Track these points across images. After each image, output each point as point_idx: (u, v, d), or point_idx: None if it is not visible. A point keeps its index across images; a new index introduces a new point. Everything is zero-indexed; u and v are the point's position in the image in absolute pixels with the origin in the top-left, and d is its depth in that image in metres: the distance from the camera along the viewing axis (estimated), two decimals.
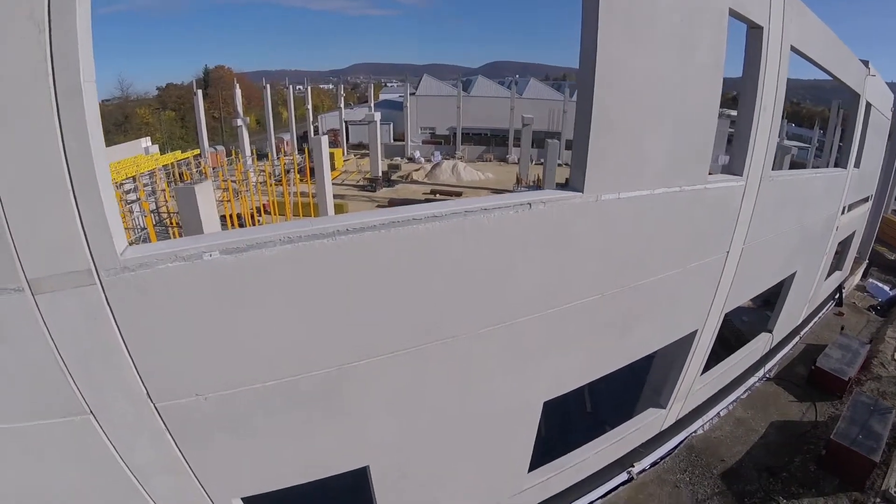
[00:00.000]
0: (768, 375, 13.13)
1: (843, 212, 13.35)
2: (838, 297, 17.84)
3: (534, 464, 7.43)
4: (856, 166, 13.17)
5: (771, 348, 12.97)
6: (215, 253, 3.66)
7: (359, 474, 5.57)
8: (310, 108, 48.90)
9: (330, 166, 24.91)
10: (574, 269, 5.67)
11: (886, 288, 19.34)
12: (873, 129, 13.82)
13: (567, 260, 5.52)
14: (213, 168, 34.22)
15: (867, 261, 21.08)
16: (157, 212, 25.57)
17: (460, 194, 33.32)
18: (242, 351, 4.12)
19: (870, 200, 17.90)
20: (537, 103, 49.76)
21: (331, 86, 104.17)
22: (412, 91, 52.49)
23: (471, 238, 4.67)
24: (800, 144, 45.70)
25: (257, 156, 40.49)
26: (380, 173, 37.26)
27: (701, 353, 9.21)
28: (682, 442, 10.66)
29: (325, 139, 22.44)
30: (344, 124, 50.02)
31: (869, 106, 12.91)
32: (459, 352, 5.25)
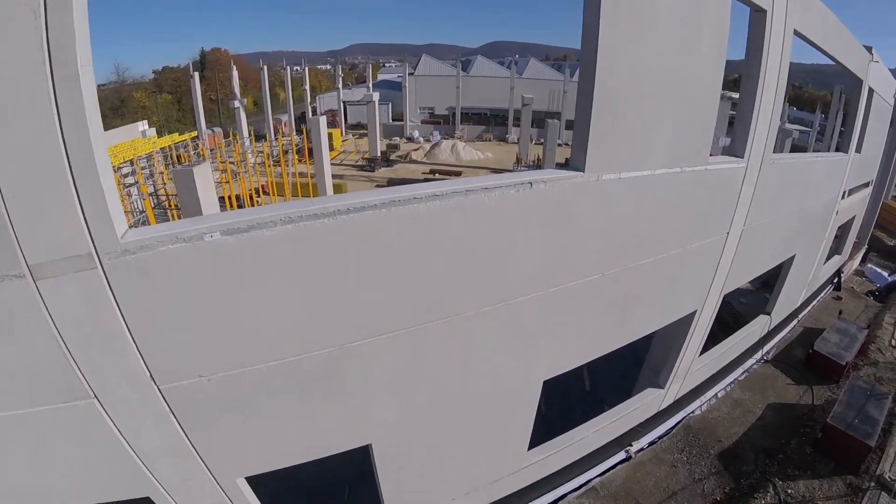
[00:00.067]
0: (766, 358, 13.24)
1: (843, 196, 13.34)
2: (837, 282, 17.89)
3: (533, 442, 7.54)
4: (857, 151, 13.12)
5: (769, 331, 13.05)
6: (216, 234, 3.65)
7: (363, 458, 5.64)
8: (307, 89, 48.33)
9: (328, 147, 24.66)
10: (575, 249, 5.68)
11: (885, 273, 19.39)
12: (875, 115, 13.74)
13: (568, 239, 5.53)
14: (211, 150, 33.90)
15: (866, 246, 21.13)
16: (155, 195, 25.44)
17: (459, 174, 33.08)
18: (244, 332, 4.14)
19: (870, 186, 17.88)
20: (537, 83, 49.02)
21: (329, 66, 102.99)
22: (411, 71, 51.77)
23: (472, 217, 4.66)
24: (801, 128, 45.43)
25: (255, 137, 40.15)
26: (378, 153, 36.94)
27: (700, 333, 9.28)
28: (680, 422, 10.80)
29: (323, 119, 22.18)
30: (342, 105, 49.47)
31: (871, 91, 12.80)
32: (460, 331, 5.28)
